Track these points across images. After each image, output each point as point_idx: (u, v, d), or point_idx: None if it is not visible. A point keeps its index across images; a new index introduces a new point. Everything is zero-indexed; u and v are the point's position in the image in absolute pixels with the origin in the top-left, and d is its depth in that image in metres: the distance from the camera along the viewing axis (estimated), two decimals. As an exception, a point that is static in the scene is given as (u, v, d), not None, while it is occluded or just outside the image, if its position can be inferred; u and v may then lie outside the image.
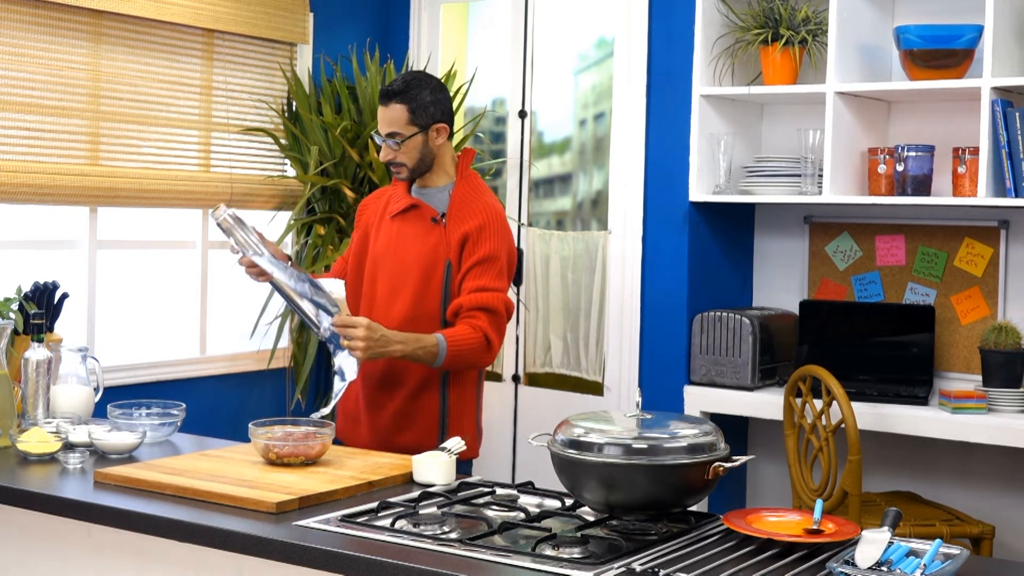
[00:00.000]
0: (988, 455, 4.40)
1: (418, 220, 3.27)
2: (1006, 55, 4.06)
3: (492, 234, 3.24)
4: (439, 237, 3.24)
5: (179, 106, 4.56)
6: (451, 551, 2.15)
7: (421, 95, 3.23)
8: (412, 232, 3.26)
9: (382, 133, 3.25)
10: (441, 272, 3.20)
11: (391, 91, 3.23)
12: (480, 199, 3.29)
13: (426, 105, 3.23)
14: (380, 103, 3.25)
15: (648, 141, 4.75)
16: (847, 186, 4.38)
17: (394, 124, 3.22)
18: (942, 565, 2.04)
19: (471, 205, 3.27)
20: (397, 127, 3.22)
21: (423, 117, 3.23)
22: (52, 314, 3.55)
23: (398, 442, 3.18)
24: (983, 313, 4.43)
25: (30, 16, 4.06)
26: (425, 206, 3.28)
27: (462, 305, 3.16)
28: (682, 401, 4.59)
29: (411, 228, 3.27)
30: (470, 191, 3.30)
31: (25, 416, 3.11)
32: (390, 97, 3.23)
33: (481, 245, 3.22)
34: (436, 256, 3.21)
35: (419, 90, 3.23)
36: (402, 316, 3.20)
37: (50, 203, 4.13)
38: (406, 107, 3.22)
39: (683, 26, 4.61)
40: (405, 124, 3.22)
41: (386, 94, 3.24)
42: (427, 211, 3.27)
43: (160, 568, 2.46)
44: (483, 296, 3.17)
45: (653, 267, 4.74)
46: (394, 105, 3.22)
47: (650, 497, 2.27)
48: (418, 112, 3.22)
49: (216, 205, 3.19)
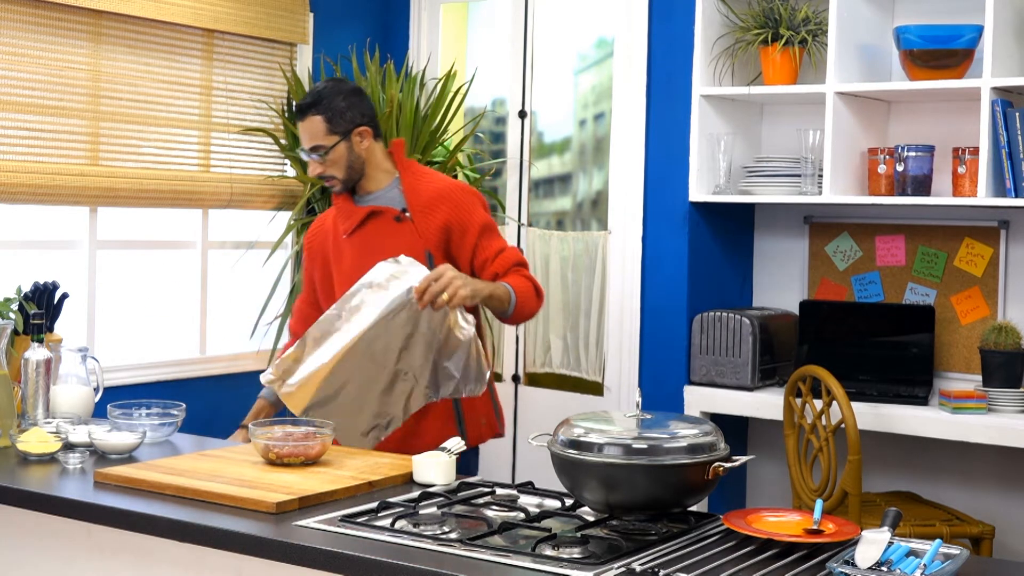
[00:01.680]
0: (988, 455, 4.40)
1: (381, 224, 3.24)
2: (1006, 55, 4.06)
3: (468, 208, 3.23)
4: (410, 232, 3.20)
5: (179, 106, 4.56)
6: (451, 551, 2.15)
7: (335, 102, 3.19)
8: (379, 237, 3.23)
9: (306, 148, 3.21)
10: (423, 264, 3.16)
11: (304, 105, 3.19)
12: (435, 182, 3.27)
13: (342, 111, 3.20)
14: (297, 119, 3.21)
15: (648, 141, 4.75)
16: (847, 186, 4.38)
17: (315, 137, 3.19)
18: (942, 565, 2.04)
19: (431, 191, 3.24)
20: (318, 139, 3.19)
21: (341, 124, 3.20)
22: (52, 314, 3.54)
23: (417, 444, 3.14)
24: (983, 313, 4.43)
25: (30, 16, 4.06)
26: (384, 208, 3.24)
27: (497, 272, 3.18)
28: (682, 401, 4.59)
29: (376, 234, 3.23)
30: (421, 179, 3.27)
31: (25, 416, 3.11)
32: (304, 111, 3.19)
33: (470, 222, 3.21)
34: (412, 251, 3.17)
35: (331, 98, 3.19)
36: None
37: (50, 203, 4.13)
38: (322, 117, 3.18)
39: (683, 26, 4.61)
40: (325, 135, 3.19)
41: (300, 109, 3.20)
42: (387, 212, 3.23)
43: (160, 568, 2.46)
44: (508, 255, 3.20)
45: (653, 267, 4.74)
46: (310, 118, 3.19)
47: (650, 497, 2.27)
48: (335, 120, 3.19)
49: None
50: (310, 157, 3.22)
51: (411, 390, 3.12)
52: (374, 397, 3.13)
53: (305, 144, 3.21)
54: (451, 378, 3.14)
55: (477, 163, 5.24)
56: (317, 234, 3.41)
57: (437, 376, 3.13)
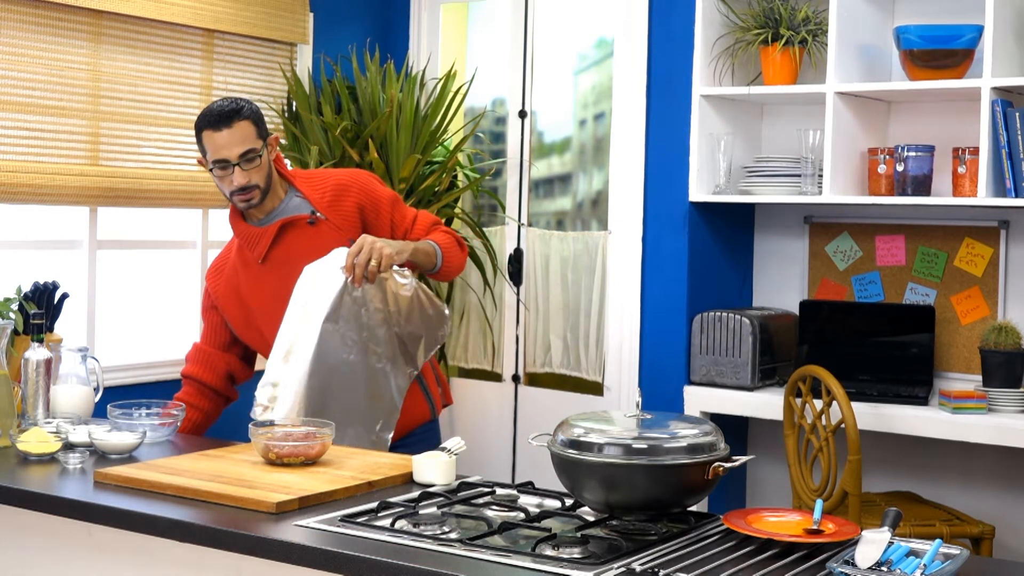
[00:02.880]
0: (988, 455, 4.40)
1: (296, 234, 3.20)
2: (1006, 55, 4.06)
3: (372, 184, 3.26)
4: (327, 229, 3.19)
5: (179, 106, 4.56)
6: (451, 551, 2.15)
7: (254, 108, 3.16)
8: (297, 246, 3.18)
9: (233, 157, 3.09)
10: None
11: (229, 111, 3.10)
12: (331, 175, 3.29)
13: (260, 116, 3.17)
14: (218, 128, 3.09)
15: (648, 141, 4.75)
16: (847, 186, 4.38)
17: (247, 141, 3.10)
18: (942, 565, 2.04)
19: (331, 184, 3.24)
20: (250, 143, 3.11)
21: (263, 130, 3.17)
22: (52, 314, 3.55)
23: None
24: (983, 313, 4.43)
25: (30, 16, 4.06)
26: (294, 217, 3.19)
27: (419, 237, 3.23)
28: (682, 401, 4.59)
29: (294, 244, 3.19)
30: (314, 178, 3.27)
31: (25, 416, 3.11)
32: (231, 117, 3.10)
33: (378, 198, 3.24)
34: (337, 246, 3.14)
35: (249, 105, 3.15)
36: None
37: (50, 203, 4.13)
38: (250, 121, 3.13)
39: (683, 26, 4.61)
40: (255, 138, 3.13)
41: (226, 116, 3.10)
42: (299, 220, 3.19)
43: (160, 568, 2.46)
44: (423, 218, 3.28)
45: (653, 267, 4.74)
46: (239, 123, 3.10)
47: (650, 497, 2.27)
48: (260, 124, 3.15)
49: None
50: (237, 167, 3.10)
51: (392, 377, 3.14)
52: (362, 403, 3.13)
53: (235, 151, 3.09)
54: (418, 338, 3.16)
55: (477, 163, 5.24)
56: (220, 276, 3.34)
57: (407, 347, 3.15)
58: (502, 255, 5.16)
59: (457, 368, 5.33)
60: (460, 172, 5.15)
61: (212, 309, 3.37)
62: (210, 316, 3.37)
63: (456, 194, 4.99)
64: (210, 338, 3.38)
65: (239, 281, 3.27)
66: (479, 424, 5.19)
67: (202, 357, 3.37)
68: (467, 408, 5.24)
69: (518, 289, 5.14)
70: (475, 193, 5.21)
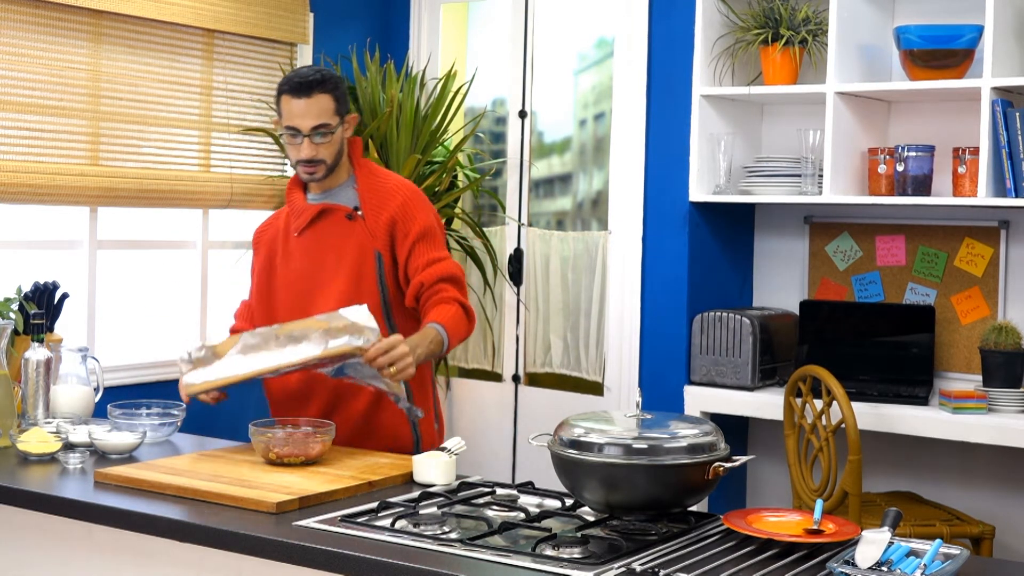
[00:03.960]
0: (988, 455, 4.40)
1: (332, 222, 3.16)
2: (1006, 55, 4.06)
3: (417, 209, 3.15)
4: (360, 231, 3.13)
5: (179, 106, 4.56)
6: (451, 551, 2.15)
7: (340, 84, 3.12)
8: (329, 236, 3.15)
9: (305, 128, 3.06)
10: (372, 265, 3.11)
11: (311, 81, 3.06)
12: (390, 180, 3.21)
13: (345, 95, 3.13)
14: (297, 95, 3.06)
15: (648, 141, 4.75)
16: (847, 186, 4.38)
17: (323, 115, 3.07)
18: (942, 565, 2.04)
19: (383, 188, 3.17)
20: (325, 117, 3.07)
21: (344, 107, 3.12)
22: (52, 314, 3.55)
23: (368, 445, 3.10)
24: (983, 313, 4.43)
25: (30, 16, 4.06)
26: (335, 206, 3.16)
27: (423, 282, 3.08)
28: (682, 401, 4.59)
29: (326, 232, 3.16)
30: (376, 177, 3.21)
31: (25, 416, 3.11)
32: (312, 87, 3.06)
33: (412, 223, 3.12)
34: (363, 251, 3.11)
35: (336, 79, 3.11)
36: None
37: (50, 203, 4.13)
38: (331, 96, 3.09)
39: (683, 26, 4.61)
40: (332, 114, 3.09)
41: (308, 85, 3.06)
42: (339, 211, 3.15)
43: (160, 568, 2.46)
44: (440, 267, 3.10)
45: (653, 267, 4.74)
46: (318, 95, 3.06)
47: (650, 497, 2.27)
48: (341, 102, 3.11)
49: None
50: (308, 138, 3.06)
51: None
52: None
53: (308, 122, 3.06)
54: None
55: (477, 163, 5.24)
56: (267, 229, 3.31)
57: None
58: (502, 255, 5.16)
59: (457, 368, 5.33)
60: (460, 172, 5.15)
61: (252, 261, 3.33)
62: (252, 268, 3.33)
63: (456, 194, 4.99)
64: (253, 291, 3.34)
65: (277, 243, 3.24)
66: (479, 424, 5.19)
67: (250, 315, 3.32)
68: (467, 408, 5.24)
69: (518, 289, 5.14)
70: (475, 193, 5.21)
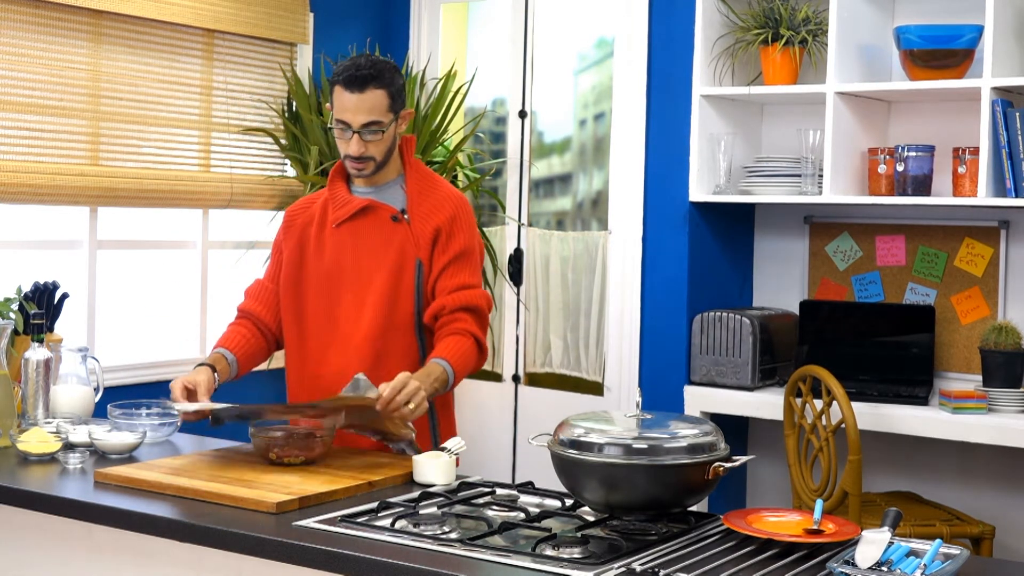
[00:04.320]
0: (988, 455, 4.39)
1: (375, 221, 3.03)
2: (1006, 55, 4.06)
3: (464, 226, 3.04)
4: (404, 235, 3.01)
5: (179, 106, 4.56)
6: (451, 551, 2.15)
7: (396, 79, 2.98)
8: (371, 235, 3.03)
9: (356, 123, 2.95)
10: (411, 274, 3.01)
11: (365, 76, 2.93)
12: (442, 188, 3.08)
13: (400, 90, 2.99)
14: (350, 88, 2.94)
15: (648, 141, 4.75)
16: (847, 186, 4.38)
17: (374, 112, 2.94)
18: (942, 565, 2.04)
19: (435, 195, 3.05)
20: (377, 114, 2.95)
21: (399, 103, 2.99)
22: (52, 314, 3.55)
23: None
24: (983, 313, 4.43)
25: (30, 16, 4.06)
26: (381, 205, 3.04)
27: (444, 306, 2.98)
28: (682, 401, 4.59)
29: (368, 231, 3.03)
30: (426, 181, 3.08)
31: (25, 416, 3.11)
32: (366, 82, 2.94)
33: (455, 240, 3.02)
34: (404, 257, 3.01)
35: (392, 73, 2.98)
36: (372, 329, 3.00)
37: (50, 203, 4.13)
38: (385, 92, 2.96)
39: (683, 26, 4.61)
40: (385, 111, 2.96)
41: (362, 80, 2.93)
42: (384, 210, 3.03)
43: (160, 568, 2.45)
44: (465, 295, 2.99)
45: (653, 267, 4.74)
46: (373, 91, 2.94)
47: (650, 497, 2.27)
48: (396, 98, 2.98)
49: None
50: (358, 134, 2.95)
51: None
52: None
53: (359, 118, 2.94)
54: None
55: (477, 163, 5.25)
56: (302, 212, 3.15)
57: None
58: (502, 255, 5.16)
59: (457, 368, 5.32)
60: (460, 172, 5.15)
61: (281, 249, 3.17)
62: (279, 256, 3.18)
63: (456, 194, 4.99)
64: (271, 271, 3.19)
65: (311, 231, 3.10)
66: (479, 424, 5.19)
67: (265, 295, 3.18)
68: (467, 408, 5.24)
69: (518, 289, 5.14)
70: (475, 193, 5.21)
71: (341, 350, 3.03)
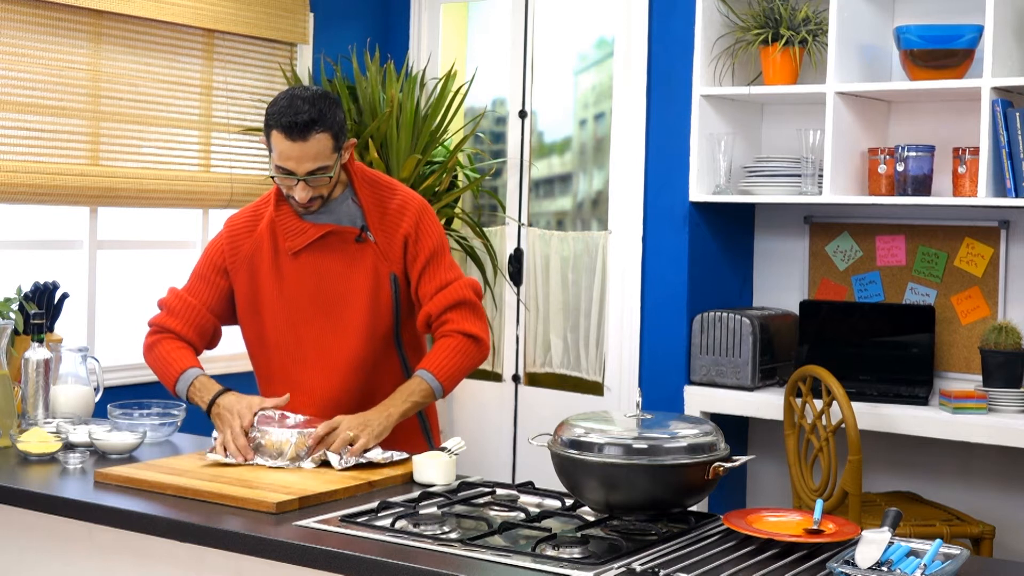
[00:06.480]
0: (988, 455, 4.40)
1: (337, 244, 2.91)
2: (1006, 55, 4.06)
3: (428, 226, 2.93)
4: (373, 254, 2.91)
5: (179, 106, 4.56)
6: (451, 551, 2.15)
7: (337, 114, 2.81)
8: (335, 259, 2.91)
9: (301, 172, 2.77)
10: (388, 290, 2.93)
11: (308, 121, 2.74)
12: (396, 193, 2.95)
13: (342, 123, 2.82)
14: (292, 137, 2.75)
15: (648, 141, 4.75)
16: (847, 186, 4.38)
17: (320, 157, 2.77)
18: (942, 565, 2.04)
19: (391, 203, 2.93)
20: (323, 160, 2.78)
21: (342, 138, 2.83)
22: (52, 314, 3.55)
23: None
24: (983, 313, 4.43)
25: (30, 16, 4.06)
26: (341, 229, 2.90)
27: (430, 313, 2.91)
28: (682, 401, 4.59)
29: (332, 255, 2.91)
30: (376, 188, 2.95)
31: (25, 416, 3.11)
32: (308, 129, 2.74)
33: (422, 242, 2.92)
34: (378, 275, 2.92)
35: (333, 109, 2.80)
36: (358, 351, 2.93)
37: (50, 203, 4.13)
38: (328, 134, 2.78)
39: (683, 26, 4.61)
40: (330, 153, 2.80)
41: (303, 126, 2.74)
42: (346, 232, 2.90)
43: (160, 568, 2.46)
44: (447, 294, 2.91)
45: (653, 267, 4.74)
46: (316, 136, 2.75)
47: (650, 497, 2.27)
48: (339, 135, 2.81)
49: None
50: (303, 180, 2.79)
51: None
52: None
53: (305, 166, 2.78)
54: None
55: (477, 163, 5.24)
56: (246, 235, 2.98)
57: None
58: (502, 255, 5.16)
59: (457, 368, 5.32)
60: (460, 172, 5.15)
61: (222, 273, 3.00)
62: (216, 279, 3.00)
63: (456, 194, 4.99)
64: (206, 299, 3.01)
65: (262, 258, 2.95)
66: (479, 424, 5.19)
67: (190, 314, 3.00)
68: (467, 408, 5.24)
69: (518, 289, 5.14)
70: (475, 193, 5.21)
71: (325, 375, 2.95)
